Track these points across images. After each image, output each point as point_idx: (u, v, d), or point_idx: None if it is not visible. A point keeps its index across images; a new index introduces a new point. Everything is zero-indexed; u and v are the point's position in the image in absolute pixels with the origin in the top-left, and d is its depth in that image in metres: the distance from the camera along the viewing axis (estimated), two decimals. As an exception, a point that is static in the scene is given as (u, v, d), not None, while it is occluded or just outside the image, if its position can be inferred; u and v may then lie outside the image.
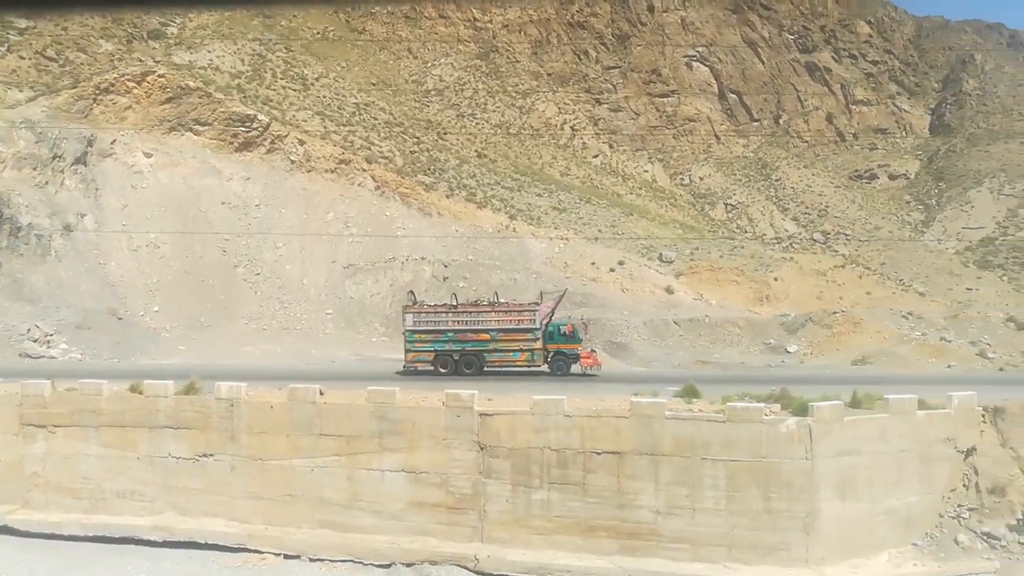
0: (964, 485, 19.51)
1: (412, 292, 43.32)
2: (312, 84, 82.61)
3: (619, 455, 18.71)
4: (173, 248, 49.67)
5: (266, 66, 79.55)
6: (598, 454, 18.83)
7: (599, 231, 70.68)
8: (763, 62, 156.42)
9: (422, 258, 52.71)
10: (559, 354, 36.47)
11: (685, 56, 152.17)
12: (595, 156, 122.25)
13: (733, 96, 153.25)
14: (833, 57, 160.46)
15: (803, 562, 17.91)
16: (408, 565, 18.99)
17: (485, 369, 36.24)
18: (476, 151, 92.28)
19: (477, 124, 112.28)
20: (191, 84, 60.73)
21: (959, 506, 19.27)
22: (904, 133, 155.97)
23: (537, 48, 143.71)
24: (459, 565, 18.83)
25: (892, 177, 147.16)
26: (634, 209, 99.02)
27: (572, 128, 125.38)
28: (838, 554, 18.05)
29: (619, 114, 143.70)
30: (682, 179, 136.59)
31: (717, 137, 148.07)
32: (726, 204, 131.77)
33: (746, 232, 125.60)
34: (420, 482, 19.70)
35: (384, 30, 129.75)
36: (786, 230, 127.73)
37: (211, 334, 43.89)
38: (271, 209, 56.88)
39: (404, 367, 36.92)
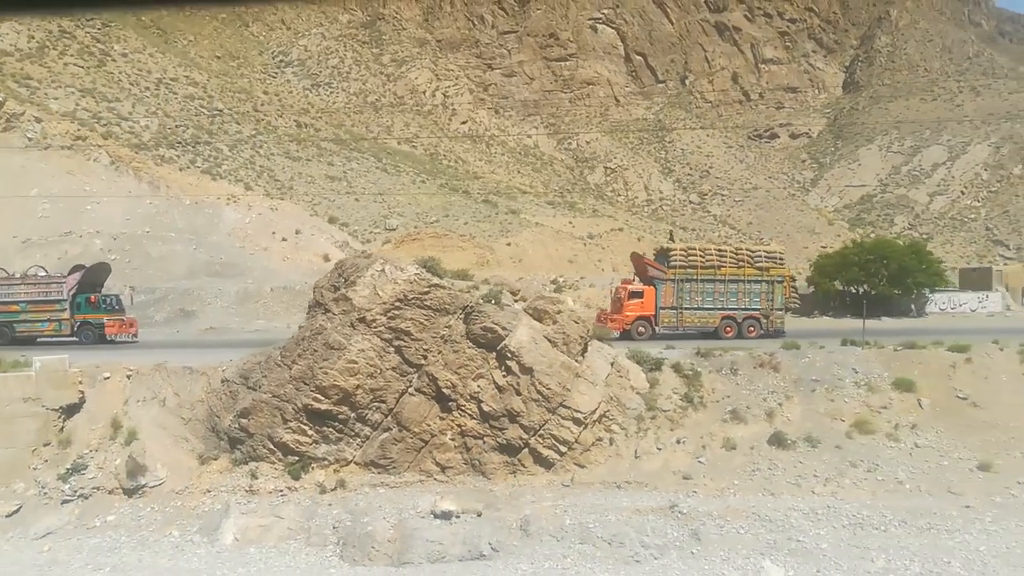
0: (59, 440, 21.24)
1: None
2: (114, 60, 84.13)
3: None
4: None
5: (59, 44, 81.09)
6: None
7: (356, 199, 72.03)
8: (671, 23, 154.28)
9: (96, 231, 54.68)
10: (85, 324, 38.81)
11: (590, 19, 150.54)
12: (463, 123, 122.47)
13: (639, 58, 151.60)
14: (745, 16, 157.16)
15: None
16: None
17: (17, 337, 38.71)
18: (296, 121, 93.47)
19: (331, 94, 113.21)
20: (-84, 65, 62.96)
21: (43, 460, 21.01)
22: (816, 91, 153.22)
23: (428, 15, 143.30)
24: None
25: (794, 136, 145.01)
26: (458, 175, 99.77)
27: (444, 95, 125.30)
28: None
29: (512, 79, 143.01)
30: (568, 143, 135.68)
31: (617, 100, 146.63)
32: (606, 167, 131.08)
33: (619, 195, 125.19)
34: None
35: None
36: (661, 192, 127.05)
37: None
38: (-22, 186, 59.01)
39: (-57, 336, 39.62)
